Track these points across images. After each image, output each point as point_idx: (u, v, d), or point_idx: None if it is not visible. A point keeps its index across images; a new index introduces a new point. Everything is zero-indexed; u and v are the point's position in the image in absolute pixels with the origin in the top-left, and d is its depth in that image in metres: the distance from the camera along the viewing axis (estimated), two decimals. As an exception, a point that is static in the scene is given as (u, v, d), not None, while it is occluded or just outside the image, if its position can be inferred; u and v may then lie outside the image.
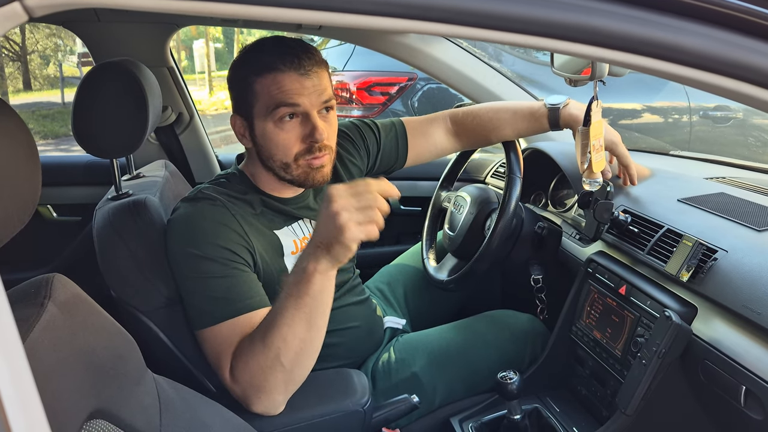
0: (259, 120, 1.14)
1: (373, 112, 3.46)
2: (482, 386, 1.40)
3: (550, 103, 1.42)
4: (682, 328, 1.07)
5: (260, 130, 1.15)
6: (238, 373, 1.04)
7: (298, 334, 1.00)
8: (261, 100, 1.12)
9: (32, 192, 0.60)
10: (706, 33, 0.46)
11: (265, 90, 1.11)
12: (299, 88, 1.11)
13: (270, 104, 1.11)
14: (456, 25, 0.46)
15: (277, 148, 1.15)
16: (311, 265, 0.97)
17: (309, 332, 1.01)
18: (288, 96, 1.10)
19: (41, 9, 0.41)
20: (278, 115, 1.12)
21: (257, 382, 1.03)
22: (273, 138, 1.14)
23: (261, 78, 1.11)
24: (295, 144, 1.15)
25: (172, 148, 2.11)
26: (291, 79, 1.10)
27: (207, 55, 15.31)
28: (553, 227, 1.56)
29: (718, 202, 1.28)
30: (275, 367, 1.01)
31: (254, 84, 1.12)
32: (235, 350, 1.05)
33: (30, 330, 0.63)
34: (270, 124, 1.13)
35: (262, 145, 1.16)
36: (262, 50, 1.13)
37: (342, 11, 0.48)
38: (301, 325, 1.00)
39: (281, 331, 0.99)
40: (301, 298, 0.98)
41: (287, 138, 1.14)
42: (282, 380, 1.03)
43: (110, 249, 1.16)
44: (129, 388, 0.79)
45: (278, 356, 1.00)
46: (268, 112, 1.12)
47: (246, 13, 0.49)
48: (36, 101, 13.57)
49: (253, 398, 1.04)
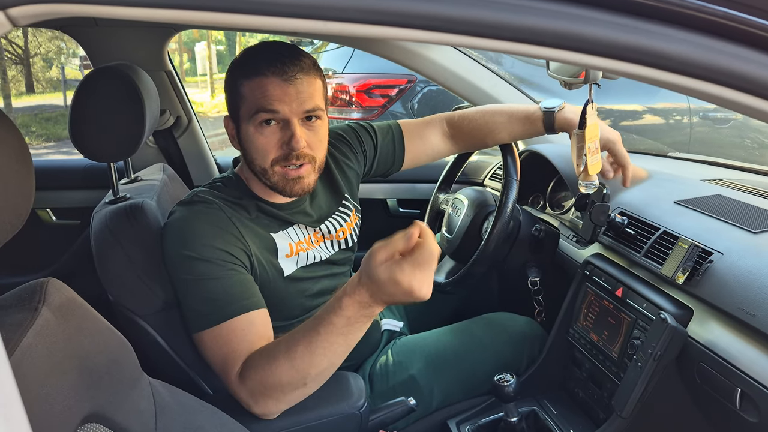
0: (244, 123, 1.15)
1: (373, 115, 3.46)
2: (479, 389, 1.40)
3: (545, 107, 1.42)
4: (678, 330, 1.07)
5: (244, 133, 1.16)
6: (249, 379, 1.03)
7: (333, 362, 1.02)
8: (245, 103, 1.13)
9: (25, 198, 0.60)
10: (690, 39, 0.46)
11: (249, 93, 1.12)
12: (281, 95, 1.10)
13: (252, 108, 1.12)
14: (441, 32, 0.46)
15: (257, 152, 1.15)
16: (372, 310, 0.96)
17: (340, 360, 1.03)
18: (268, 101, 1.11)
19: (25, 18, 0.41)
20: (258, 119, 1.12)
21: (270, 393, 1.03)
22: (253, 142, 1.15)
23: (248, 81, 1.12)
24: (272, 150, 1.14)
25: (171, 151, 2.12)
26: (273, 85, 1.10)
27: (209, 57, 15.36)
28: (550, 229, 1.56)
29: (715, 204, 1.28)
30: (298, 386, 1.02)
31: (242, 87, 1.13)
32: (247, 359, 1.05)
33: (23, 335, 0.64)
34: (251, 128, 1.14)
35: (246, 148, 1.17)
36: (255, 54, 1.14)
37: (334, 20, 0.48)
38: (338, 357, 1.01)
39: (317, 361, 0.99)
40: (353, 335, 0.99)
41: (265, 143, 1.14)
42: (298, 396, 1.05)
43: (107, 253, 1.17)
44: (124, 392, 0.79)
45: (305, 379, 1.01)
46: (250, 115, 1.13)
47: (239, 22, 0.50)
48: (39, 104, 13.62)
49: (259, 402, 1.04)
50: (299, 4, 0.45)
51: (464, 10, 0.45)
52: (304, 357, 0.99)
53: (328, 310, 0.98)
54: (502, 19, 0.45)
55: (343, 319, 0.96)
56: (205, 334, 1.08)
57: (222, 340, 1.07)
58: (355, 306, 0.96)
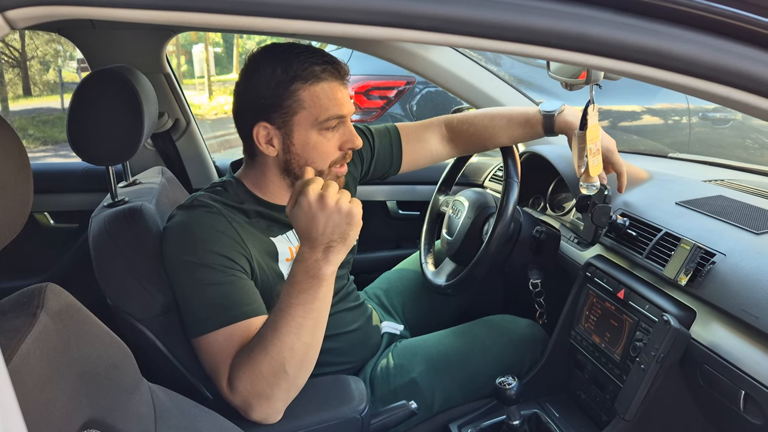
0: (301, 128, 1.13)
1: (372, 116, 3.46)
2: (481, 392, 1.39)
3: (545, 110, 1.42)
4: (681, 332, 1.06)
5: (301, 138, 1.14)
6: (237, 383, 1.03)
7: (305, 341, 1.00)
8: (308, 108, 1.12)
9: (23, 203, 0.59)
10: (697, 39, 0.46)
11: (313, 98, 1.11)
12: (343, 98, 1.14)
13: (321, 113, 1.12)
14: (446, 33, 0.45)
15: (319, 156, 1.16)
16: (327, 268, 0.98)
17: (315, 338, 1.02)
18: (339, 106, 1.13)
19: (23, 21, 0.41)
20: (328, 124, 1.13)
21: (259, 391, 1.02)
22: (317, 147, 1.15)
23: (308, 86, 1.11)
24: (333, 152, 1.17)
25: (169, 154, 2.11)
26: (337, 89, 1.13)
27: (206, 59, 15.34)
28: (551, 231, 1.55)
29: (717, 205, 1.27)
30: (279, 375, 1.01)
31: (299, 92, 1.11)
32: (233, 360, 1.04)
33: (22, 340, 0.63)
34: (314, 133, 1.14)
35: (300, 154, 1.16)
36: (300, 58, 1.11)
37: (335, 21, 0.48)
38: (308, 332, 1.00)
39: (287, 340, 0.99)
40: (311, 304, 0.99)
41: (329, 146, 1.16)
42: (285, 388, 1.03)
43: (106, 257, 1.16)
44: (123, 398, 0.78)
45: (283, 365, 1.00)
46: (318, 121, 1.13)
47: (239, 24, 0.49)
48: (36, 107, 13.59)
49: (254, 406, 1.03)
50: (300, 5, 0.45)
51: (471, 10, 0.44)
52: (274, 340, 1.00)
53: (282, 287, 1.02)
54: (508, 20, 0.44)
55: (295, 288, 0.99)
56: (203, 339, 1.07)
57: (219, 346, 1.06)
58: (300, 268, 0.99)
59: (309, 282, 0.99)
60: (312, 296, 0.99)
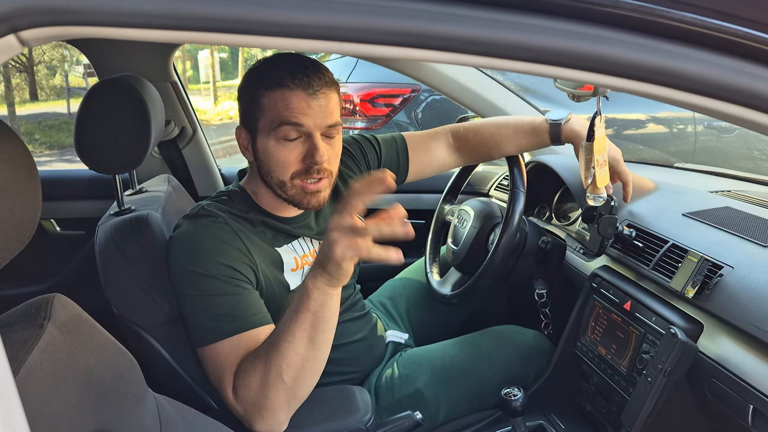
0: (262, 135, 1.14)
1: (377, 124, 3.46)
2: (486, 403, 1.38)
3: (551, 119, 1.42)
4: (688, 345, 1.06)
5: (262, 145, 1.14)
6: (240, 392, 1.03)
7: (299, 351, 0.99)
8: (266, 115, 1.12)
9: (31, 215, 0.59)
10: (710, 60, 0.46)
11: (271, 105, 1.11)
12: (305, 108, 1.10)
13: (274, 120, 1.11)
14: (455, 53, 0.45)
15: (276, 165, 1.14)
16: (310, 282, 0.98)
17: (311, 350, 1.01)
18: (293, 115, 1.10)
19: (36, 41, 0.41)
20: (281, 132, 1.11)
21: (259, 401, 1.02)
22: (273, 154, 1.13)
23: (269, 92, 1.11)
24: (293, 163, 1.14)
25: (176, 162, 2.11)
26: (298, 98, 1.10)
27: (212, 65, 15.41)
28: (557, 241, 1.55)
29: (723, 217, 1.27)
30: (277, 384, 1.00)
31: (261, 98, 1.12)
32: (237, 369, 1.04)
33: (29, 352, 0.63)
34: (272, 141, 1.13)
35: (263, 160, 1.16)
36: (275, 65, 1.12)
37: (350, 42, 0.48)
38: (302, 343, 0.99)
39: (282, 349, 0.99)
40: (302, 314, 0.99)
41: (287, 156, 1.13)
42: (284, 398, 1.02)
43: (112, 265, 1.16)
44: (129, 408, 0.78)
45: (280, 374, 1.00)
46: (272, 128, 1.11)
47: (251, 42, 0.49)
48: (42, 112, 13.67)
49: (256, 417, 1.03)
50: (314, 25, 0.45)
51: (485, 31, 0.44)
52: (269, 350, 1.01)
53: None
54: (520, 40, 0.44)
55: (295, 295, 1.01)
56: (208, 349, 1.07)
57: (224, 356, 1.06)
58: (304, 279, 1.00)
59: (300, 292, 1.00)
60: (301, 307, 0.99)
